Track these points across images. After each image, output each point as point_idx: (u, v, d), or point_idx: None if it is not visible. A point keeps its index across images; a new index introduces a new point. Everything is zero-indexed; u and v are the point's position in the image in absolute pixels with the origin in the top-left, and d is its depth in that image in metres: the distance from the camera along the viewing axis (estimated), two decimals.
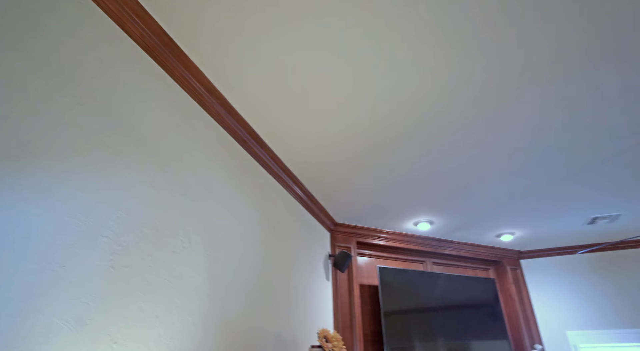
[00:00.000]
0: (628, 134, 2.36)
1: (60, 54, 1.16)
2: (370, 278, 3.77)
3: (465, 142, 2.40)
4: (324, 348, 1.96)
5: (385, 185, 2.92)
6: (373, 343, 3.47)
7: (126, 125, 1.35)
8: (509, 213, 3.49)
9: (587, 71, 1.84)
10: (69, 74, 1.17)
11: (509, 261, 4.48)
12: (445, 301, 3.81)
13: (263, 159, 2.36)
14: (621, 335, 3.96)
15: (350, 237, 3.62)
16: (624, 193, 3.14)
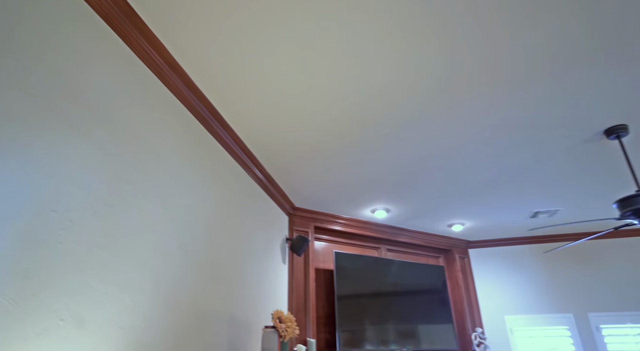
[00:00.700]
0: (570, 135, 2.54)
1: (7, 15, 1.08)
2: (326, 262, 3.85)
3: (422, 135, 2.48)
4: (277, 328, 2.00)
5: (346, 173, 2.97)
6: (326, 325, 3.56)
7: (80, 95, 1.28)
8: (461, 204, 3.67)
9: (540, 73, 1.95)
10: (16, 37, 1.09)
11: (458, 250, 4.73)
12: (397, 286, 3.98)
13: (223, 139, 2.32)
14: (550, 319, 4.32)
15: (308, 221, 3.67)
16: (562, 190, 3.38)
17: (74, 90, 1.26)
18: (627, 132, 2.47)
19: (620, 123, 2.44)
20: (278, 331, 2.01)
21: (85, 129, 1.28)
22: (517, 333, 4.36)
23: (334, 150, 2.66)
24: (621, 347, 4.05)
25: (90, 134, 1.31)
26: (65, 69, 1.24)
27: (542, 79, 2.00)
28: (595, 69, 1.94)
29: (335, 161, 2.80)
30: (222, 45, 1.71)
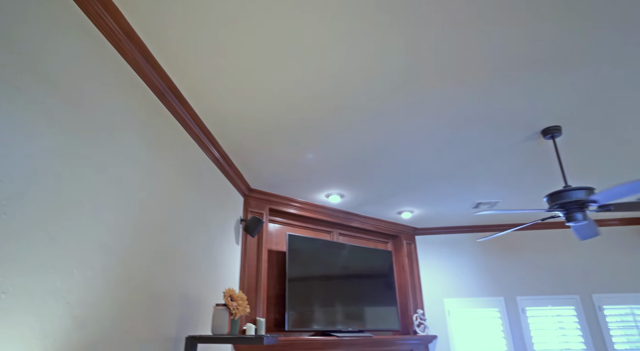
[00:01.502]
0: (512, 133, 2.74)
1: None
2: (279, 244, 3.90)
3: (378, 124, 2.57)
4: (228, 306, 2.03)
5: (303, 157, 3.01)
6: (276, 305, 3.64)
7: (30, 61, 1.21)
8: (411, 193, 3.85)
9: (487, 75, 2.09)
10: None
11: (406, 236, 4.97)
12: (347, 270, 4.13)
13: (181, 115, 2.27)
14: (484, 302, 4.69)
15: (263, 203, 3.69)
16: (503, 184, 3.65)
17: (23, 56, 1.19)
18: (560, 133, 2.71)
19: (556, 125, 2.67)
20: (229, 309, 2.04)
21: (33, 96, 1.22)
22: (453, 315, 4.69)
23: (292, 134, 2.68)
24: (541, 326, 4.51)
25: (42, 102, 1.24)
26: (13, 32, 1.17)
27: (490, 80, 2.14)
28: (536, 73, 2.10)
29: (293, 144, 2.83)
30: (182, 18, 1.67)
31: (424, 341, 4.42)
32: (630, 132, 2.76)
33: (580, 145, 2.93)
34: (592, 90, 2.27)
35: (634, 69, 2.09)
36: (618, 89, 2.27)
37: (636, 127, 2.69)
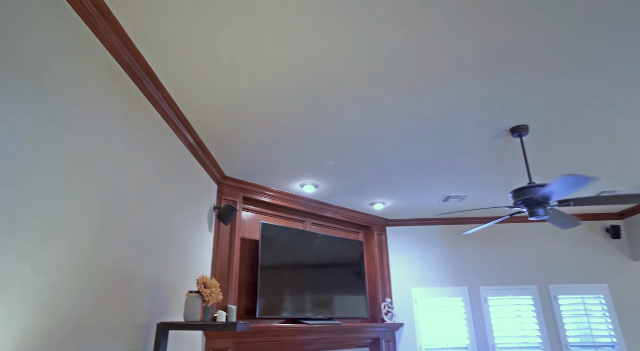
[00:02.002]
0: (483, 131, 2.84)
1: None
2: (252, 232, 3.91)
3: (355, 116, 2.61)
4: (202, 293, 2.03)
5: (279, 145, 3.02)
6: (247, 292, 3.66)
7: None
8: (384, 185, 3.93)
9: (462, 74, 2.16)
10: None
11: (377, 227, 5.07)
12: (319, 259, 4.19)
13: (156, 99, 2.23)
14: (449, 291, 4.88)
15: (237, 191, 3.67)
16: (471, 179, 3.79)
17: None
18: (527, 132, 2.84)
19: (523, 124, 2.79)
20: (202, 296, 2.04)
21: (3, 74, 1.17)
22: (420, 303, 4.86)
23: (269, 122, 2.68)
24: (501, 315, 4.75)
25: (11, 81, 1.20)
26: None
27: (463, 79, 2.21)
28: (506, 75, 2.19)
29: (269, 133, 2.83)
30: (160, 1, 1.63)
31: (391, 328, 4.56)
32: (590, 133, 2.92)
33: (545, 144, 3.07)
34: (558, 93, 2.39)
35: (596, 74, 2.21)
36: (581, 93, 2.39)
37: (596, 129, 2.85)
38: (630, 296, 4.75)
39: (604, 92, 2.39)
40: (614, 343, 4.56)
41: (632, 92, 2.39)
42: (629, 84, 2.31)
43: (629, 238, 4.98)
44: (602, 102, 2.50)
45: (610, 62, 2.11)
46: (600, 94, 2.41)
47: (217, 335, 3.05)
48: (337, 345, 4.16)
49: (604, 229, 5.08)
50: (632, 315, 4.66)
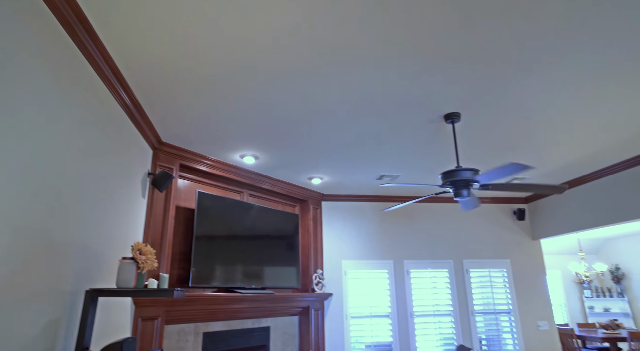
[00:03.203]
0: (419, 115, 3.02)
1: None
2: (188, 201, 3.80)
3: (298, 89, 2.62)
4: (137, 260, 1.97)
5: (221, 114, 2.94)
6: (180, 261, 3.59)
7: None
8: (323, 160, 4.02)
9: (404, 59, 2.26)
10: None
11: (313, 201, 5.20)
12: (254, 230, 4.21)
13: (91, 53, 2.04)
14: (376, 264, 5.21)
15: (174, 158, 3.53)
16: (405, 159, 4.02)
17: None
18: (459, 119, 3.07)
19: (456, 111, 3.01)
20: (137, 263, 1.98)
21: None
22: (349, 275, 5.14)
23: (211, 89, 2.59)
24: (420, 286, 5.20)
25: None
26: None
27: (404, 64, 2.32)
28: (444, 64, 2.34)
29: (211, 100, 2.74)
30: None
31: (321, 298, 4.78)
32: (515, 125, 3.24)
33: (474, 131, 3.34)
34: (489, 85, 2.61)
35: (525, 70, 2.44)
36: (510, 87, 2.63)
37: (520, 121, 3.17)
38: (526, 270, 5.45)
39: (526, 87, 2.65)
40: (510, 309, 5.24)
41: (548, 88, 2.68)
42: (546, 81, 2.59)
43: (531, 220, 5.67)
44: (524, 96, 2.77)
45: (532, 60, 2.35)
46: (522, 89, 2.68)
47: (147, 303, 2.98)
48: (268, 314, 4.28)
49: (512, 212, 5.71)
50: (525, 286, 5.37)
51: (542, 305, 5.33)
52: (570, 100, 2.83)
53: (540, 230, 5.49)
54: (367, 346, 4.93)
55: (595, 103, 2.88)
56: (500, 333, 5.17)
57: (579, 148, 3.78)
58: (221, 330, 3.79)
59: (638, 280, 7.75)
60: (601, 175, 4.47)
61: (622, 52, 2.27)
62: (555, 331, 5.26)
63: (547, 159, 4.08)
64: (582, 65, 2.40)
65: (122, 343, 1.85)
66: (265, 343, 4.24)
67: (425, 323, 5.08)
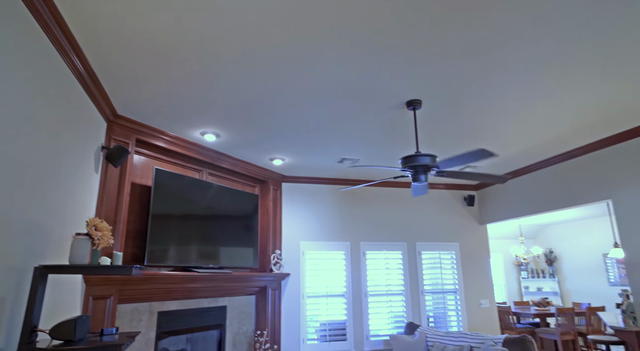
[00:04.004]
0: (383, 101, 3.08)
1: None
2: (144, 178, 3.66)
3: (265, 70, 2.58)
4: (92, 236, 1.89)
5: (182, 89, 2.83)
6: (135, 239, 3.48)
7: None
8: (285, 141, 4.01)
9: (369, 46, 2.29)
10: None
11: (274, 182, 5.18)
12: (213, 209, 4.14)
13: (41, 13, 1.88)
14: (333, 245, 5.33)
15: (130, 132, 3.37)
16: (366, 144, 4.10)
17: None
18: (421, 106, 3.16)
19: (418, 99, 3.10)
20: (92, 239, 1.90)
21: None
22: (307, 255, 5.22)
23: (173, 62, 2.49)
24: (375, 267, 5.39)
25: None
26: None
27: (369, 51, 2.35)
28: (406, 53, 2.39)
29: (173, 75, 2.63)
30: None
31: (278, 278, 4.84)
32: (472, 115, 3.39)
33: (434, 118, 3.46)
34: (450, 76, 2.70)
35: (482, 63, 2.55)
36: (469, 79, 2.75)
37: (476, 113, 3.32)
38: (472, 253, 5.81)
39: (484, 80, 2.78)
40: (456, 289, 5.59)
41: (503, 83, 2.83)
42: (501, 76, 2.73)
43: (480, 206, 6.01)
44: (481, 89, 2.90)
45: (490, 55, 2.46)
46: (480, 82, 2.80)
47: (99, 282, 2.88)
48: (225, 293, 4.27)
49: (463, 198, 6.03)
50: (471, 267, 5.73)
51: (485, 285, 5.73)
52: (518, 98, 3.00)
53: (487, 215, 5.84)
54: (321, 324, 5.07)
55: (538, 100, 3.08)
56: (447, 310, 5.51)
57: (526, 140, 4.04)
58: (177, 309, 3.75)
59: (567, 262, 8.51)
60: (541, 166, 4.81)
61: (569, 52, 2.44)
62: (495, 308, 5.68)
63: (497, 150, 4.32)
64: (531, 63, 2.55)
65: (76, 321, 1.78)
66: (222, 322, 4.25)
67: (378, 302, 5.30)
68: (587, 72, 2.70)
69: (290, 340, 4.90)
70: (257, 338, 4.52)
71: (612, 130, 3.82)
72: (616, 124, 3.66)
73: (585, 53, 2.47)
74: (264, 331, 4.59)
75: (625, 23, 2.17)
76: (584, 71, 2.69)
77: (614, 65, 2.62)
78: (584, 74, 2.72)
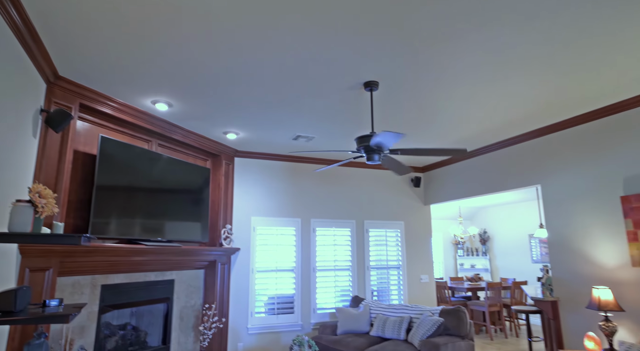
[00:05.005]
0: (341, 80, 3.11)
1: None
2: (88, 145, 3.45)
3: (224, 40, 2.51)
4: (35, 203, 1.78)
5: (135, 55, 2.67)
6: (78, 210, 3.30)
7: None
8: (241, 115, 3.94)
9: (329, 25, 2.30)
10: None
11: (226, 156, 5.09)
12: (162, 182, 4.01)
13: None
14: (284, 221, 5.40)
15: (73, 96, 3.14)
16: (322, 122, 4.14)
17: None
18: (378, 88, 3.24)
19: (375, 80, 3.17)
20: (35, 207, 1.79)
21: None
22: (258, 231, 5.24)
23: (126, 22, 2.34)
24: (324, 243, 5.55)
25: None
26: None
27: (328, 31, 2.37)
28: (367, 35, 2.44)
29: (124, 35, 2.48)
30: None
31: (228, 253, 4.83)
32: (426, 99, 3.53)
33: (390, 100, 3.57)
34: (406, 59, 2.79)
35: (437, 49, 2.66)
36: (424, 63, 2.85)
37: (430, 97, 3.46)
38: (415, 231, 6.15)
39: (440, 64, 2.90)
40: (400, 265, 5.92)
41: (459, 69, 2.97)
42: (457, 61, 2.87)
43: (425, 187, 6.34)
44: (436, 72, 3.03)
45: (448, 40, 2.57)
46: (436, 66, 2.92)
47: (38, 253, 2.72)
48: (173, 267, 4.21)
49: (410, 179, 6.31)
50: (414, 245, 6.08)
51: (425, 261, 6.11)
52: (469, 86, 3.18)
53: (431, 196, 6.18)
54: (270, 297, 5.17)
55: (487, 90, 3.29)
56: (389, 285, 5.83)
57: (471, 127, 4.29)
58: (122, 283, 3.64)
59: (498, 241, 9.28)
60: (482, 152, 5.15)
61: (516, 47, 2.61)
62: (433, 283, 6.10)
63: (446, 134, 4.55)
64: (482, 55, 2.70)
65: (17, 292, 1.69)
66: (169, 296, 4.19)
67: (325, 276, 5.49)
68: (531, 67, 2.90)
69: (239, 313, 4.96)
70: (205, 311, 4.52)
71: (546, 122, 4.16)
72: (550, 116, 3.99)
73: (529, 50, 2.65)
74: (212, 304, 4.59)
75: (562, 24, 2.36)
76: (528, 66, 2.89)
77: (555, 63, 2.85)
78: (527, 69, 2.93)
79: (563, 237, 4.10)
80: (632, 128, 3.56)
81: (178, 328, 4.28)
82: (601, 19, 2.34)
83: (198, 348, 4.47)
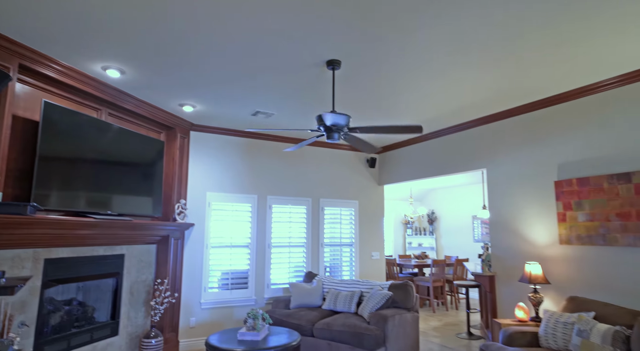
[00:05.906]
0: (304, 57, 3.10)
1: None
2: (29, 111, 3.20)
3: (182, 13, 2.40)
4: None
5: (86, 14, 2.49)
6: (18, 180, 3.07)
7: None
8: (199, 87, 3.81)
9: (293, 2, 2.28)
10: None
11: (181, 129, 4.93)
12: (112, 153, 3.82)
13: None
14: (241, 197, 5.36)
15: (11, 55, 2.88)
16: (282, 99, 4.11)
17: None
18: (340, 67, 3.27)
19: (337, 59, 3.19)
20: None
21: None
22: (213, 206, 5.17)
23: None
24: (279, 220, 5.60)
25: None
26: None
27: (292, 6, 2.34)
28: (329, 9, 2.44)
29: None
30: None
31: (181, 228, 4.74)
32: (387, 80, 3.60)
33: (352, 80, 3.60)
34: (369, 40, 2.83)
35: (399, 29, 2.72)
36: (388, 45, 2.90)
37: (392, 78, 3.53)
38: (369, 210, 6.35)
39: (402, 47, 2.97)
40: (352, 243, 6.12)
41: (420, 49, 3.06)
42: (419, 43, 2.95)
43: (380, 168, 6.53)
44: (398, 54, 3.10)
45: (409, 22, 2.64)
46: (398, 48, 2.99)
47: None
48: (123, 241, 4.07)
49: (366, 160, 6.46)
50: (367, 224, 6.29)
51: (377, 239, 6.36)
52: (427, 70, 3.28)
53: (385, 177, 6.39)
54: (223, 273, 5.17)
55: (447, 71, 3.42)
56: (342, 261, 6.03)
57: (428, 110, 4.45)
58: (67, 257, 3.48)
59: (444, 222, 9.82)
60: (435, 136, 5.38)
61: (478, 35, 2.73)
62: (383, 260, 6.38)
63: (406, 115, 4.69)
64: (442, 40, 2.80)
65: None
66: (119, 271, 4.07)
67: (280, 253, 5.56)
68: (486, 54, 3.05)
69: (192, 288, 4.93)
70: (157, 286, 4.44)
71: (496, 109, 4.41)
72: (501, 103, 4.23)
73: (486, 38, 2.78)
74: (164, 279, 4.52)
75: (516, 17, 2.50)
76: (484, 53, 3.03)
77: (508, 52, 3.01)
78: (483, 55, 3.07)
79: (503, 218, 4.43)
80: (568, 118, 3.87)
81: (128, 303, 4.19)
82: (548, 12, 2.49)
83: (149, 323, 4.41)
